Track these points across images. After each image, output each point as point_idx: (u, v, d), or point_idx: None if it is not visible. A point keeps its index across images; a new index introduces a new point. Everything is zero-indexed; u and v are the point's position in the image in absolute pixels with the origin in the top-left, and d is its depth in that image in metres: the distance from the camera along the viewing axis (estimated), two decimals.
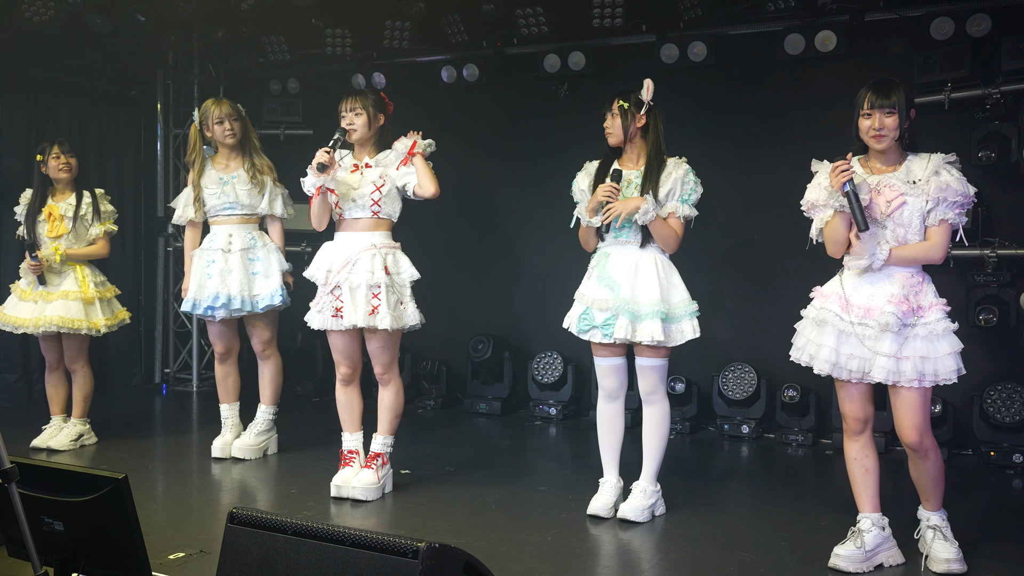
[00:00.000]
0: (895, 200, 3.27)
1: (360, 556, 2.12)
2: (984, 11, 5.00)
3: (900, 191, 3.28)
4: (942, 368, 3.24)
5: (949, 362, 3.24)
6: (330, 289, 4.25)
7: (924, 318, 3.26)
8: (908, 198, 3.26)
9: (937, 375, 3.24)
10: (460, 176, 6.65)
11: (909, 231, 3.29)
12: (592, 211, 3.92)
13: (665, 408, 4.02)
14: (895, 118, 3.24)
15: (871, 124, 3.27)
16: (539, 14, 6.01)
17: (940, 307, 3.29)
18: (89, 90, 7.09)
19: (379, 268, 4.19)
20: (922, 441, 3.30)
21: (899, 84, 3.30)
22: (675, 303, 3.91)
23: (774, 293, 5.77)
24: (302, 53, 6.96)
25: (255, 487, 4.68)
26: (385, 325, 4.16)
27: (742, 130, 5.88)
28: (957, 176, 3.26)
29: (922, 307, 3.28)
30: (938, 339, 3.25)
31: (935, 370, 3.24)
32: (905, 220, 3.28)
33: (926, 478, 3.39)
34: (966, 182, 3.28)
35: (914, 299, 3.28)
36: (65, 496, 2.46)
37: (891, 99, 3.23)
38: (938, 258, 3.29)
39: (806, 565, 3.47)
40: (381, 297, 4.17)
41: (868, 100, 3.27)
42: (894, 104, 3.23)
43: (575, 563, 3.55)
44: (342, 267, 4.22)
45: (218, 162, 5.06)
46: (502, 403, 6.42)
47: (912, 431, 3.29)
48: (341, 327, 4.24)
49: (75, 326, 5.13)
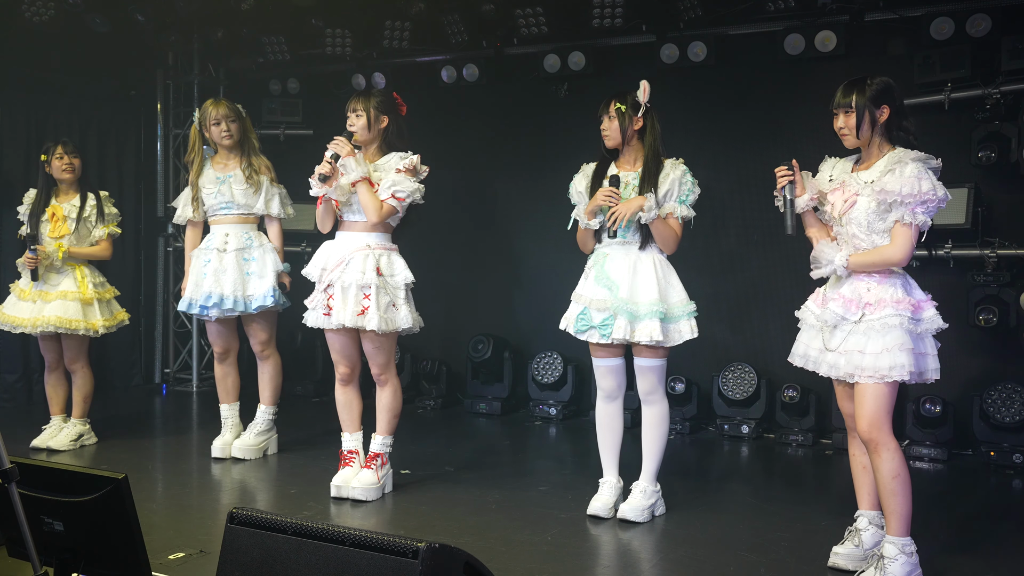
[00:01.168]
0: (849, 199, 3.28)
1: (360, 556, 2.12)
2: (984, 11, 5.01)
3: (855, 190, 3.27)
4: (883, 364, 3.13)
5: (888, 358, 3.12)
6: (323, 287, 4.26)
7: (871, 315, 3.19)
8: (860, 198, 3.24)
9: (877, 370, 3.14)
10: (460, 176, 6.66)
11: (860, 231, 3.25)
12: (591, 214, 3.92)
13: (664, 408, 4.02)
14: (853, 117, 3.25)
15: (835, 123, 3.33)
16: (539, 14, 6.02)
17: (895, 304, 3.18)
18: (89, 90, 7.09)
19: (371, 269, 4.18)
20: (871, 434, 3.17)
21: (867, 83, 3.24)
22: (673, 303, 3.92)
23: (774, 293, 5.77)
24: (302, 53, 6.96)
25: (255, 487, 4.68)
26: (372, 326, 4.14)
27: (742, 130, 5.88)
28: (912, 174, 3.11)
29: (871, 303, 3.21)
30: (878, 334, 3.16)
31: (874, 366, 3.14)
32: (855, 219, 3.25)
33: (879, 483, 3.19)
34: (924, 180, 3.11)
35: (866, 295, 3.22)
36: (65, 496, 2.46)
37: (848, 98, 3.26)
38: (897, 261, 3.18)
39: (806, 565, 3.47)
40: (371, 298, 4.16)
41: (834, 100, 3.33)
42: (850, 103, 3.25)
43: (575, 563, 3.55)
44: (336, 266, 4.22)
45: (217, 162, 5.06)
46: (502, 403, 6.42)
47: (861, 421, 3.20)
48: (331, 326, 4.25)
49: (72, 327, 5.13)
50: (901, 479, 3.15)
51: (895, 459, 3.17)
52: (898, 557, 3.15)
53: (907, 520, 3.16)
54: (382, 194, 4.18)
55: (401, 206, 4.22)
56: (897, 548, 3.16)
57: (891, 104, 3.26)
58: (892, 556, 3.16)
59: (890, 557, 3.16)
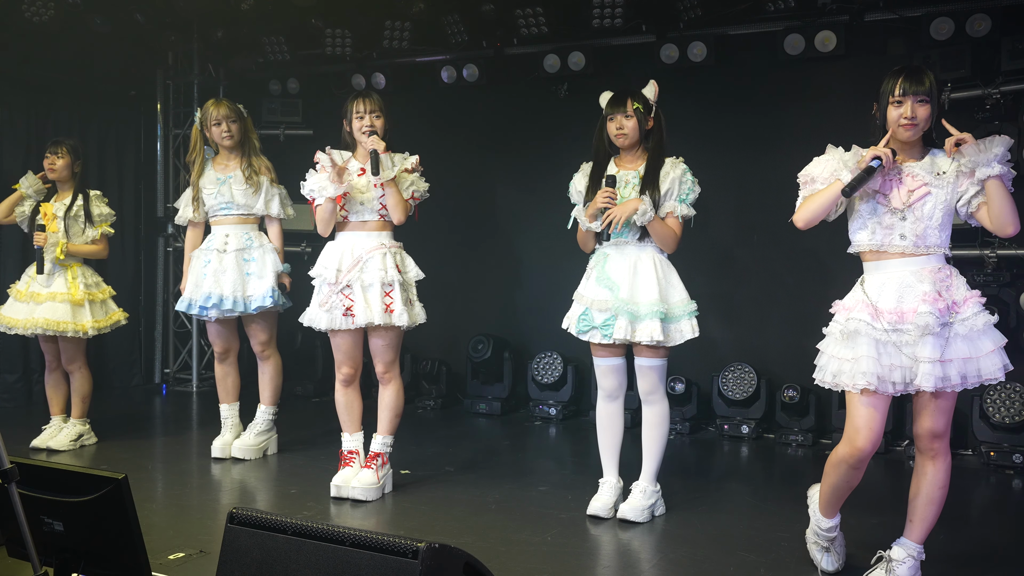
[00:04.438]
0: (918, 190, 3.04)
1: (360, 556, 2.12)
2: (984, 11, 5.00)
3: (924, 181, 3.05)
4: (987, 367, 2.96)
5: (995, 359, 2.97)
6: (340, 288, 4.24)
7: (961, 314, 2.98)
8: (933, 189, 3.03)
9: (981, 375, 2.97)
10: (460, 176, 6.66)
11: (931, 224, 3.03)
12: (591, 217, 3.92)
13: (665, 408, 4.02)
14: (928, 107, 3.01)
15: (902, 112, 3.02)
16: (539, 14, 6.02)
17: (975, 300, 3.01)
18: (89, 90, 7.09)
19: (391, 266, 4.21)
20: (941, 441, 3.06)
21: (930, 72, 3.06)
22: (674, 303, 3.91)
23: (774, 293, 5.78)
24: (302, 53, 6.97)
25: (255, 487, 4.68)
26: (402, 322, 4.19)
27: (742, 130, 5.88)
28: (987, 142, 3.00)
29: (956, 302, 2.99)
30: (980, 336, 2.97)
31: (979, 370, 2.96)
32: (927, 213, 3.03)
33: (928, 488, 3.10)
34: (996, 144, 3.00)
35: (947, 294, 2.99)
36: (65, 496, 2.46)
37: (926, 85, 2.99)
38: (1016, 218, 2.98)
39: (806, 565, 3.47)
40: (394, 295, 4.19)
41: (900, 86, 3.01)
42: (929, 91, 2.99)
43: (575, 563, 3.55)
44: (352, 266, 4.22)
45: (218, 163, 5.07)
46: (502, 403, 6.42)
47: (940, 429, 3.05)
48: (352, 326, 4.24)
49: (61, 328, 5.12)
50: (946, 490, 3.12)
51: (949, 470, 3.11)
52: (906, 560, 3.16)
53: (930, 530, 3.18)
54: (404, 195, 4.24)
55: (414, 205, 4.28)
56: (911, 552, 3.16)
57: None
58: (901, 559, 3.16)
59: (899, 560, 3.16)
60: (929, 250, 3.04)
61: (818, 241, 3.46)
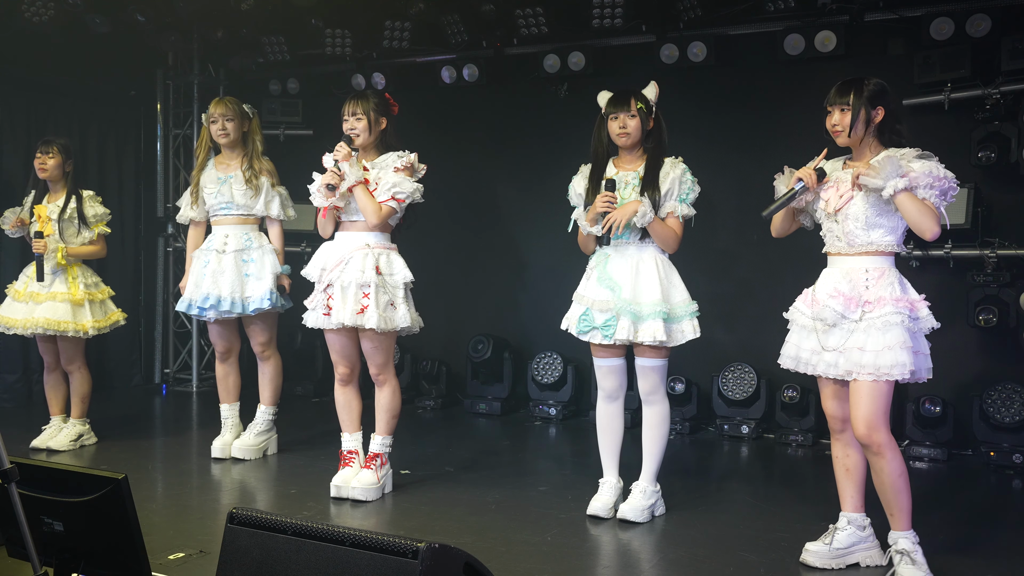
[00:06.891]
0: (845, 195, 3.32)
1: (360, 556, 2.12)
2: (984, 11, 5.00)
3: (850, 187, 3.31)
4: (883, 362, 3.15)
5: (890, 356, 3.15)
6: (323, 287, 4.26)
7: (871, 312, 3.21)
8: (856, 193, 3.29)
9: (878, 368, 3.16)
10: (460, 176, 6.66)
11: (857, 226, 3.28)
12: (592, 221, 3.92)
13: (665, 408, 4.02)
14: (848, 115, 3.30)
15: (828, 120, 3.37)
16: (539, 14, 6.01)
17: (892, 301, 3.20)
18: (89, 90, 7.08)
19: (370, 267, 4.18)
20: (871, 435, 3.19)
21: (864, 83, 3.31)
22: (676, 303, 3.92)
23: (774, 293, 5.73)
24: (302, 53, 6.96)
25: (255, 487, 4.68)
26: (372, 325, 4.14)
27: (742, 130, 5.88)
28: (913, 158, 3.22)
29: (870, 301, 3.23)
30: (879, 332, 3.18)
31: (875, 363, 3.16)
32: (852, 215, 3.29)
33: (883, 483, 3.24)
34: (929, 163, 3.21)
35: (865, 293, 3.24)
36: (65, 496, 2.46)
37: (844, 96, 3.31)
38: (935, 230, 3.18)
39: (806, 565, 3.47)
40: (370, 297, 4.15)
41: (828, 98, 3.37)
42: (847, 101, 3.30)
43: (575, 563, 3.55)
44: (335, 266, 4.22)
45: (220, 162, 5.07)
46: (502, 403, 6.42)
47: (859, 423, 3.21)
48: (330, 325, 4.25)
49: (61, 328, 5.11)
50: (905, 476, 3.26)
51: (898, 458, 3.26)
52: (914, 548, 3.27)
53: (910, 512, 3.28)
54: (382, 195, 4.18)
55: (400, 207, 4.23)
56: (910, 540, 3.28)
57: (886, 106, 3.33)
58: (910, 549, 3.27)
59: (909, 550, 3.27)
60: (860, 249, 3.31)
61: (817, 241, 3.48)
